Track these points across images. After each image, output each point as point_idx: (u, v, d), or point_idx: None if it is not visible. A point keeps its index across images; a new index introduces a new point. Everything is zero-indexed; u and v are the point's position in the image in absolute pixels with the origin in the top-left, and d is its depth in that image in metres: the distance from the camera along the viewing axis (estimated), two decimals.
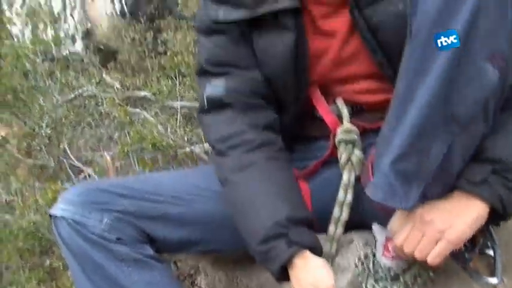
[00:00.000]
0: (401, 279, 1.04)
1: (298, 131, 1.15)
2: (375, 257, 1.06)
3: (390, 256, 1.01)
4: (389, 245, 1.00)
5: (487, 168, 0.87)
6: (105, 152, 2.00)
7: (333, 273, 0.97)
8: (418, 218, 0.91)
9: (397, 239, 0.95)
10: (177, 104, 2.33)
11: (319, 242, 1.00)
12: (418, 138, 0.84)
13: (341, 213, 1.07)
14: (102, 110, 2.37)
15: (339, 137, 1.07)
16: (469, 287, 1.03)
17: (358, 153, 1.07)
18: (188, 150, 2.04)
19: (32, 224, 1.77)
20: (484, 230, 0.97)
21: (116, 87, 2.49)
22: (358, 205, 1.07)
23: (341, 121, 1.08)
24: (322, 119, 1.10)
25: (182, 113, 2.31)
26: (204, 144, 2.08)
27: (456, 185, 0.89)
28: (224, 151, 1.09)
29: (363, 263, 1.07)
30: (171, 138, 2.04)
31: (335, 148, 1.09)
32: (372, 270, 1.05)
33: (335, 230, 1.07)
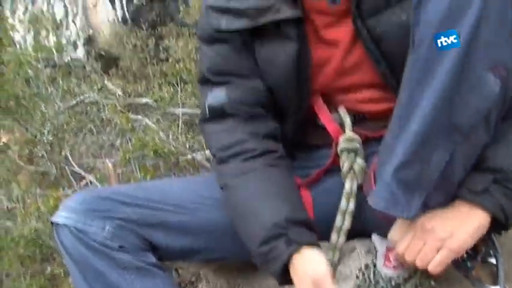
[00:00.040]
0: None
1: (300, 139, 1.15)
2: (375, 267, 1.05)
3: (391, 266, 1.01)
4: (390, 255, 1.00)
5: (489, 177, 0.88)
6: (106, 159, 2.01)
7: (331, 268, 0.97)
8: (419, 227, 0.92)
9: (399, 247, 0.95)
10: (179, 111, 2.34)
11: (318, 242, 1.00)
12: (421, 147, 0.85)
13: (343, 222, 1.07)
14: (104, 117, 2.37)
15: (341, 145, 1.07)
16: None
17: (360, 162, 1.07)
18: (190, 157, 2.04)
19: (34, 231, 1.77)
20: (486, 238, 0.97)
21: (118, 94, 2.50)
22: (360, 214, 1.07)
23: (343, 130, 1.08)
24: (324, 127, 1.11)
25: (183, 119, 2.32)
26: (205, 151, 2.09)
27: (457, 194, 0.90)
28: (225, 159, 1.09)
29: (363, 273, 1.07)
30: (173, 145, 2.04)
31: (337, 157, 1.09)
32: (373, 281, 1.05)
33: (337, 239, 1.07)
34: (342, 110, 1.10)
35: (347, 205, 1.07)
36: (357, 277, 1.07)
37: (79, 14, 3.86)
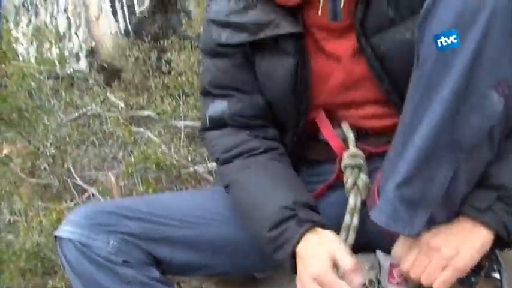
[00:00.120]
0: None
1: (300, 154, 1.16)
2: (379, 283, 1.05)
3: (395, 282, 1.01)
4: (394, 271, 1.00)
5: (492, 195, 0.87)
6: (109, 172, 2.01)
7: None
8: (425, 244, 0.91)
9: (404, 264, 0.95)
10: (181, 124, 2.35)
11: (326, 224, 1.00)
12: (424, 164, 0.85)
13: (347, 237, 1.07)
14: (106, 129, 2.38)
15: (345, 161, 1.07)
16: None
17: (364, 178, 1.07)
18: (192, 170, 2.04)
19: (36, 245, 1.76)
20: (489, 253, 0.97)
21: (120, 107, 2.50)
22: (364, 229, 1.07)
23: (347, 145, 1.09)
24: (326, 142, 1.11)
25: (185, 132, 2.32)
26: (207, 164, 2.09)
27: (461, 210, 0.89)
28: (229, 160, 1.11)
29: None
30: (175, 158, 2.05)
31: (341, 172, 1.09)
32: None
33: None
34: (345, 126, 1.10)
35: (351, 220, 1.07)
36: None
37: (82, 26, 3.88)
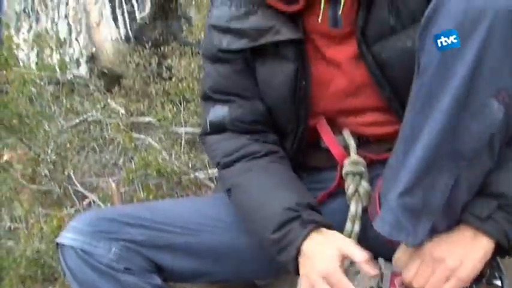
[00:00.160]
0: None
1: (300, 162, 1.16)
2: None
3: None
4: (395, 280, 1.00)
5: (493, 203, 0.87)
6: (109, 179, 2.01)
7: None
8: (428, 254, 0.91)
9: (406, 274, 0.95)
10: (181, 130, 2.35)
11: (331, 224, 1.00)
12: (425, 173, 0.85)
13: None
14: (107, 136, 2.38)
15: (346, 168, 1.08)
16: None
17: (365, 185, 1.07)
18: (192, 176, 2.05)
19: (36, 252, 1.76)
20: (490, 260, 0.97)
21: (121, 113, 2.51)
22: (365, 236, 1.07)
23: (348, 152, 1.09)
24: (327, 149, 1.11)
25: (186, 138, 2.33)
26: (208, 170, 2.10)
27: (462, 218, 0.89)
28: (230, 163, 1.11)
29: None
30: (175, 165, 2.05)
31: (342, 179, 1.09)
32: None
33: None
34: (346, 133, 1.10)
35: (352, 227, 1.07)
36: None
37: (82, 32, 3.89)
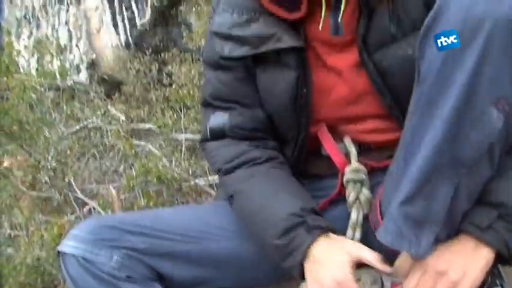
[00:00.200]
0: None
1: (301, 169, 1.16)
2: None
3: None
4: None
5: (494, 213, 0.87)
6: (110, 185, 2.01)
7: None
8: (430, 266, 0.90)
9: (407, 285, 0.94)
10: (182, 137, 2.35)
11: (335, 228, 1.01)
12: (426, 182, 0.84)
13: None
14: (107, 142, 2.38)
15: (347, 176, 1.08)
16: None
17: (366, 193, 1.07)
18: (192, 183, 2.05)
19: (36, 260, 1.75)
20: (491, 269, 0.97)
21: (121, 120, 2.51)
22: (366, 243, 1.06)
23: (349, 160, 1.09)
24: (328, 157, 1.11)
25: (186, 145, 2.33)
26: (208, 177, 2.10)
27: (462, 228, 0.89)
28: (231, 170, 1.11)
29: None
30: (176, 171, 2.05)
31: (343, 187, 1.09)
32: None
33: None
34: (347, 140, 1.10)
35: (353, 235, 1.07)
36: None
37: (83, 38, 3.91)
